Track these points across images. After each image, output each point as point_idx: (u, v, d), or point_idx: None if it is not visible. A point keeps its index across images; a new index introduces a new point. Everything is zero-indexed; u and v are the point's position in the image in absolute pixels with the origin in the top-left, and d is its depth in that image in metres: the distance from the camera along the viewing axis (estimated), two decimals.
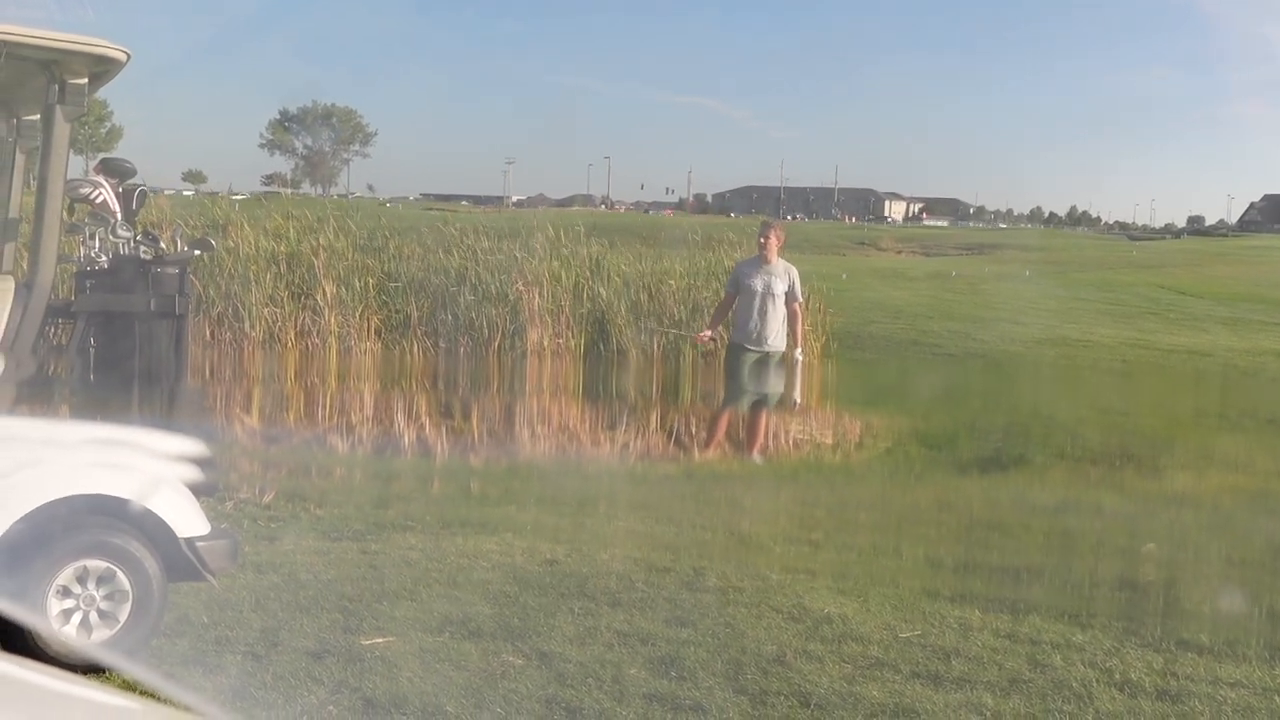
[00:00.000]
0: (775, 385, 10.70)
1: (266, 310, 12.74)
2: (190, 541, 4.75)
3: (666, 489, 9.44)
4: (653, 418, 11.40)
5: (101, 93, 5.30)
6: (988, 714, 4.56)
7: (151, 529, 4.68)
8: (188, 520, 4.78)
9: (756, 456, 10.52)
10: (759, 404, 10.72)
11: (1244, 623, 5.75)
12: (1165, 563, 6.95)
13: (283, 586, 5.71)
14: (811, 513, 8.50)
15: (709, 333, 11.27)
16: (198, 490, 4.91)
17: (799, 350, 10.75)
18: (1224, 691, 4.84)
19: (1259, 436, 12.25)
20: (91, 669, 4.05)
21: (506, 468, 10.11)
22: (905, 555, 7.11)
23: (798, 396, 10.95)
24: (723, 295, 11.30)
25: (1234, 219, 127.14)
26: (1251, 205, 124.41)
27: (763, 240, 10.76)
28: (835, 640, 5.27)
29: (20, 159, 5.70)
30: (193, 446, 4.98)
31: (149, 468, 4.78)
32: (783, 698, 4.61)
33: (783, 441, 11.24)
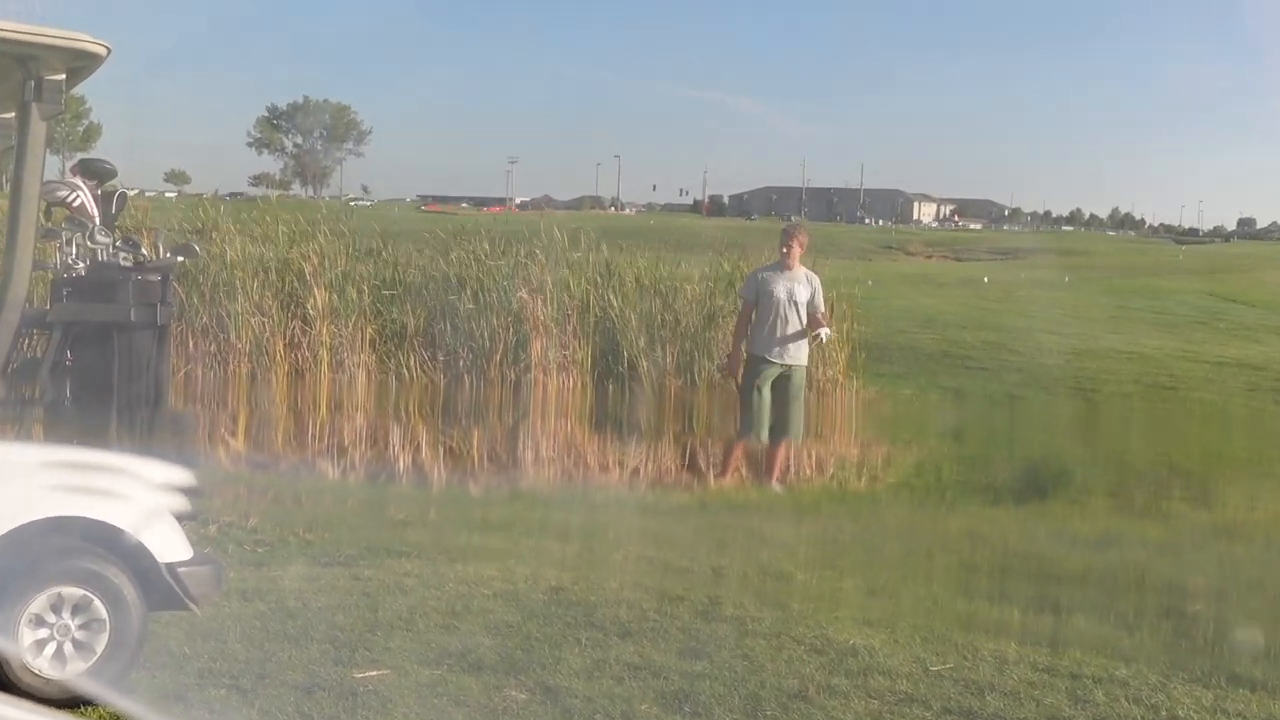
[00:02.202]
0: (797, 405, 10.66)
1: (254, 320, 12.76)
2: (171, 568, 4.75)
3: (679, 515, 9.44)
4: (666, 438, 11.39)
5: (79, 89, 5.32)
6: None
7: (131, 554, 4.69)
8: (169, 545, 4.79)
9: (776, 485, 10.50)
10: (779, 426, 10.65)
11: None
12: (1214, 594, 6.93)
13: (270, 615, 5.72)
14: (835, 542, 8.50)
15: (740, 363, 10.91)
16: (180, 514, 4.92)
17: (825, 330, 10.83)
18: None
19: None
20: (68, 703, 4.07)
21: (509, 490, 10.13)
22: (936, 586, 7.10)
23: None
24: (740, 306, 11.25)
25: None
26: None
27: (785, 250, 10.76)
28: (861, 674, 5.26)
29: None
30: (175, 468, 4.99)
31: (129, 490, 4.79)
32: None
33: (805, 466, 11.23)
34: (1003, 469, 11.27)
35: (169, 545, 4.79)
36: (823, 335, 10.83)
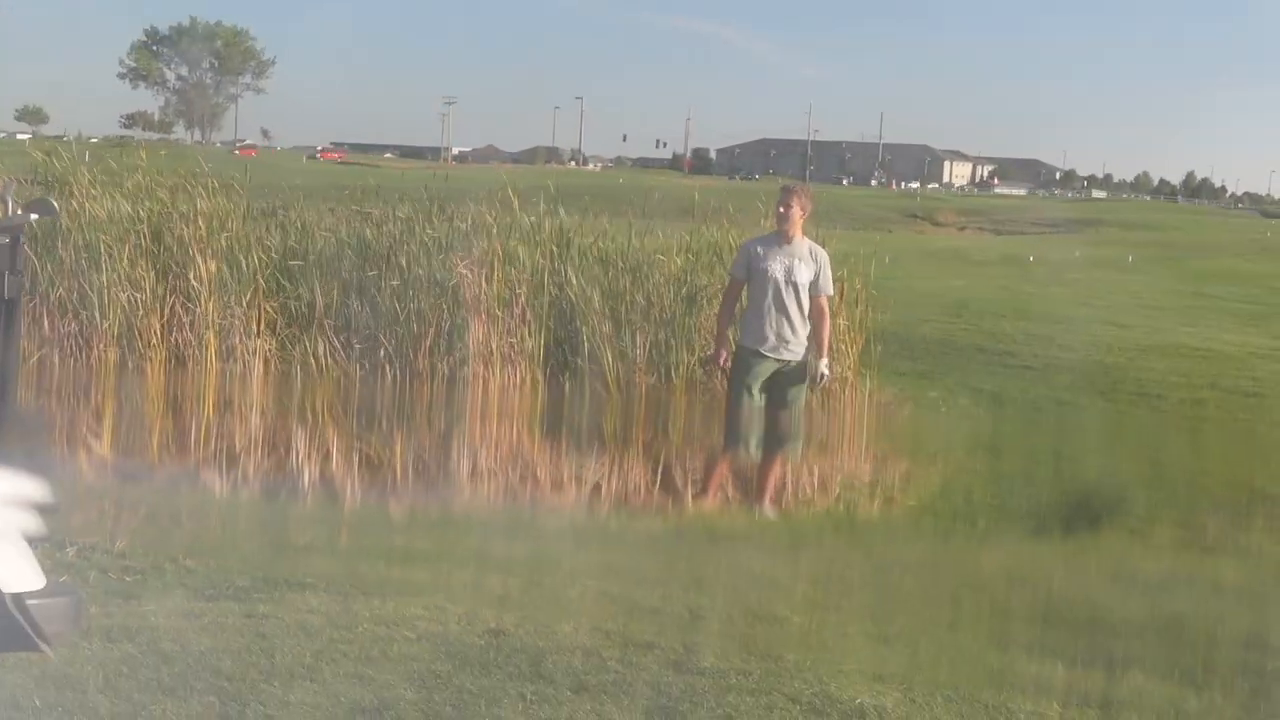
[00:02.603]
0: (795, 409, 10.69)
1: (124, 295, 12.74)
2: (19, 599, 4.74)
3: (649, 544, 9.47)
4: (634, 449, 11.42)
5: None
6: None
7: None
8: (16, 572, 4.78)
9: (769, 507, 10.52)
10: (773, 436, 10.68)
11: None
12: None
13: (140, 660, 5.71)
14: (841, 579, 8.54)
15: (725, 352, 11.03)
16: (30, 534, 4.91)
17: (825, 361, 10.73)
18: None
19: None
20: None
21: (439, 510, 10.13)
22: (963, 633, 7.15)
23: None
24: (727, 284, 11.27)
25: None
26: None
27: (782, 210, 10.73)
28: None
29: None
30: (25, 476, 4.97)
31: None
32: None
33: (804, 485, 11.27)
34: (1048, 492, 11.34)
35: (16, 572, 4.77)
36: (823, 371, 10.75)
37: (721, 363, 10.96)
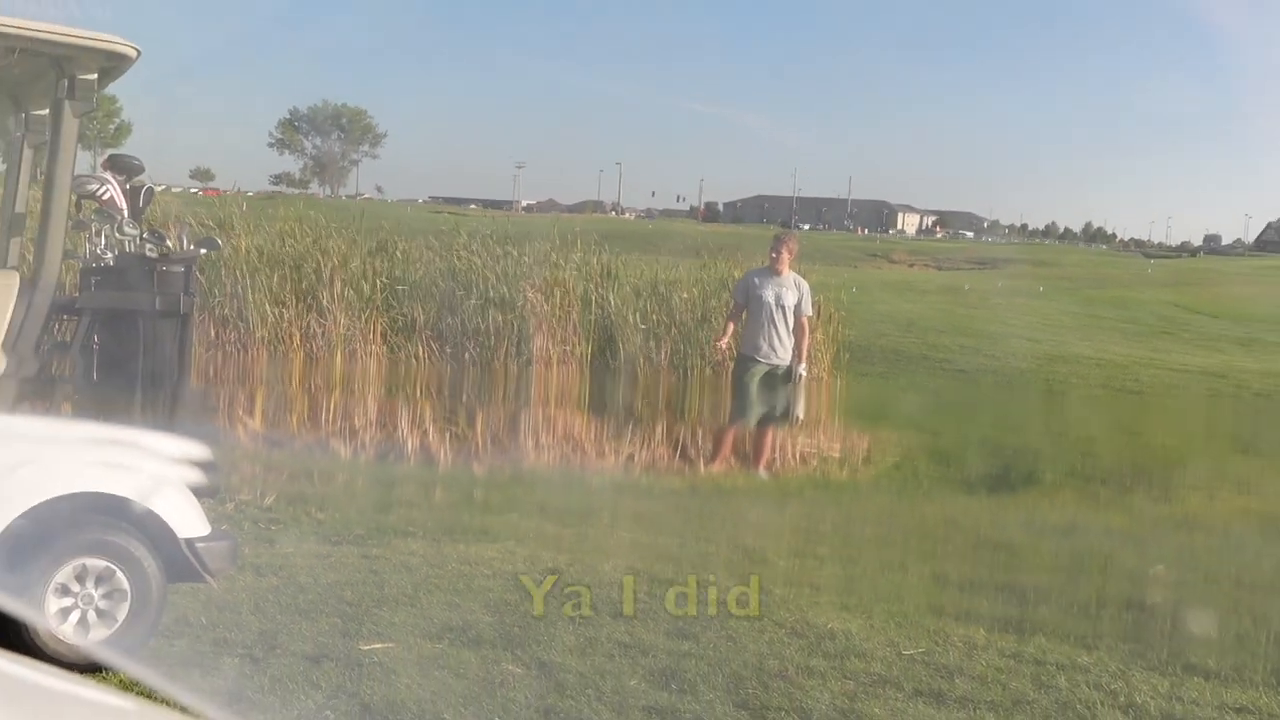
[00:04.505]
0: (782, 400, 10.69)
1: (272, 311, 12.77)
2: (190, 542, 4.76)
3: (671, 500, 9.45)
4: (659, 427, 11.40)
5: (111, 89, 5.33)
6: None
7: (152, 529, 4.69)
8: (188, 521, 4.79)
9: (763, 472, 10.51)
10: (766, 419, 10.69)
11: (1252, 647, 5.74)
12: (1173, 586, 6.94)
13: (282, 589, 5.72)
14: (817, 530, 8.50)
15: (725, 340, 11.16)
16: (199, 491, 4.92)
17: (802, 365, 10.70)
18: (1230, 717, 4.83)
19: (1271, 459, 12.23)
20: (89, 668, 4.08)
21: (510, 474, 10.14)
22: (911, 573, 7.11)
23: (799, 412, 10.89)
24: (731, 306, 11.29)
25: (1251, 238, 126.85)
26: (1269, 225, 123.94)
27: (774, 254, 10.77)
28: (838, 656, 5.27)
29: (28, 154, 5.73)
30: (194, 447, 4.99)
31: (151, 468, 4.80)
32: (783, 713, 4.61)
33: (790, 457, 11.24)
34: (976, 464, 11.29)
35: (188, 521, 4.79)
36: (800, 372, 10.76)
37: (720, 348, 11.28)
